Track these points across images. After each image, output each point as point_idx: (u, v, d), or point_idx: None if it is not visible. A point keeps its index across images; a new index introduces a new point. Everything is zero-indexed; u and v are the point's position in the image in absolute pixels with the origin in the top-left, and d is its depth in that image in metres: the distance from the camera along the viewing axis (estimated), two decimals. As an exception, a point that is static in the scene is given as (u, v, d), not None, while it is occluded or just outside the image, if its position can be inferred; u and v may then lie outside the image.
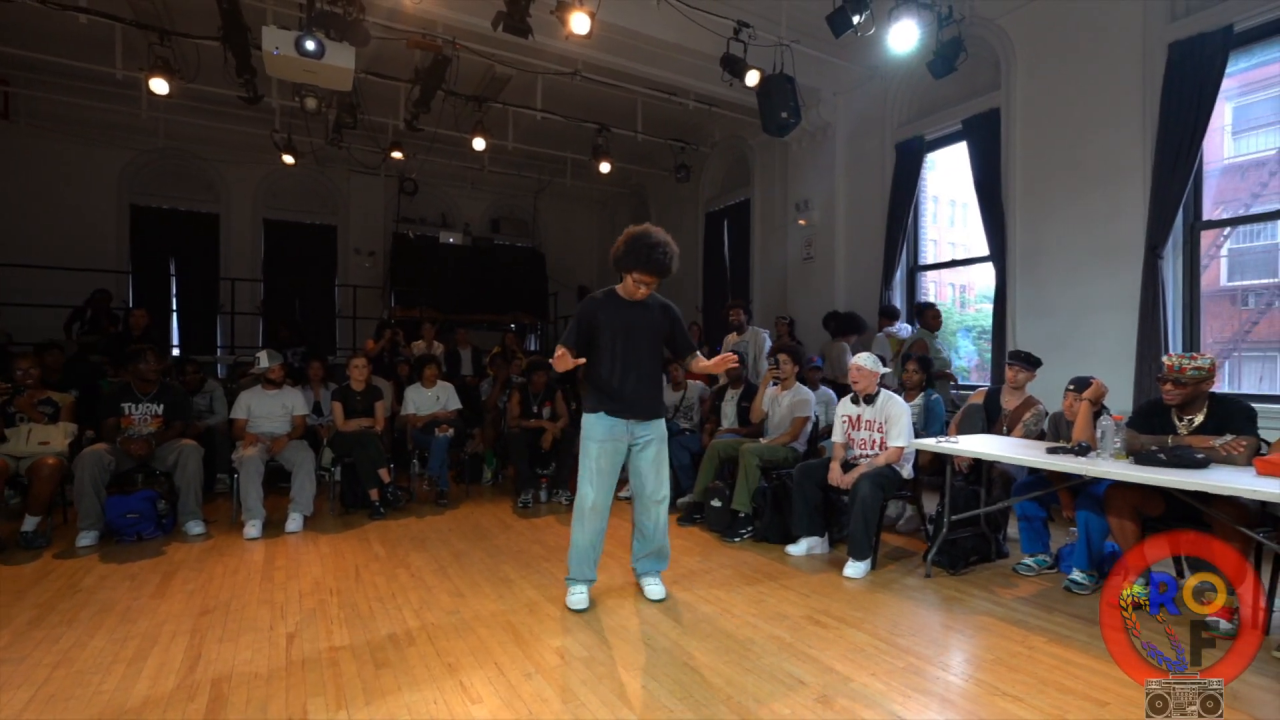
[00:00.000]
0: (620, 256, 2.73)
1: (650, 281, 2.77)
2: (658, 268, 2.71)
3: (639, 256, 2.68)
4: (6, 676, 2.15)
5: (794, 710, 1.98)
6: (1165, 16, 4.18)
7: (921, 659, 2.33)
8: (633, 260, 2.70)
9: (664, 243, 2.70)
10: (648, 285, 2.78)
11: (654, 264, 2.70)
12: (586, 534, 2.82)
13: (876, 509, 3.29)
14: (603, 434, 2.80)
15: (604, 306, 2.82)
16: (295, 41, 3.62)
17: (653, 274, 2.73)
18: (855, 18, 4.50)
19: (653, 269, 2.71)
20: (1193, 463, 2.46)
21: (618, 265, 2.76)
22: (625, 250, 2.71)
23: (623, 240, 2.72)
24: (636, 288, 2.77)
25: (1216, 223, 4.43)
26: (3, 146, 7.58)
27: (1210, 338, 9.90)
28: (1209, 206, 4.35)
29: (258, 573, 3.24)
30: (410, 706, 1.99)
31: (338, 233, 9.82)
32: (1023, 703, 2.03)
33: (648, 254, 2.68)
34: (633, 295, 2.81)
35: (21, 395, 3.75)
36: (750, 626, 2.61)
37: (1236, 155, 9.31)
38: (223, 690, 2.08)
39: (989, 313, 5.46)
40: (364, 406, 4.77)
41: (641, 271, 2.71)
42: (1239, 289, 10.30)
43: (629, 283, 2.77)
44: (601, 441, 2.80)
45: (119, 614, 2.68)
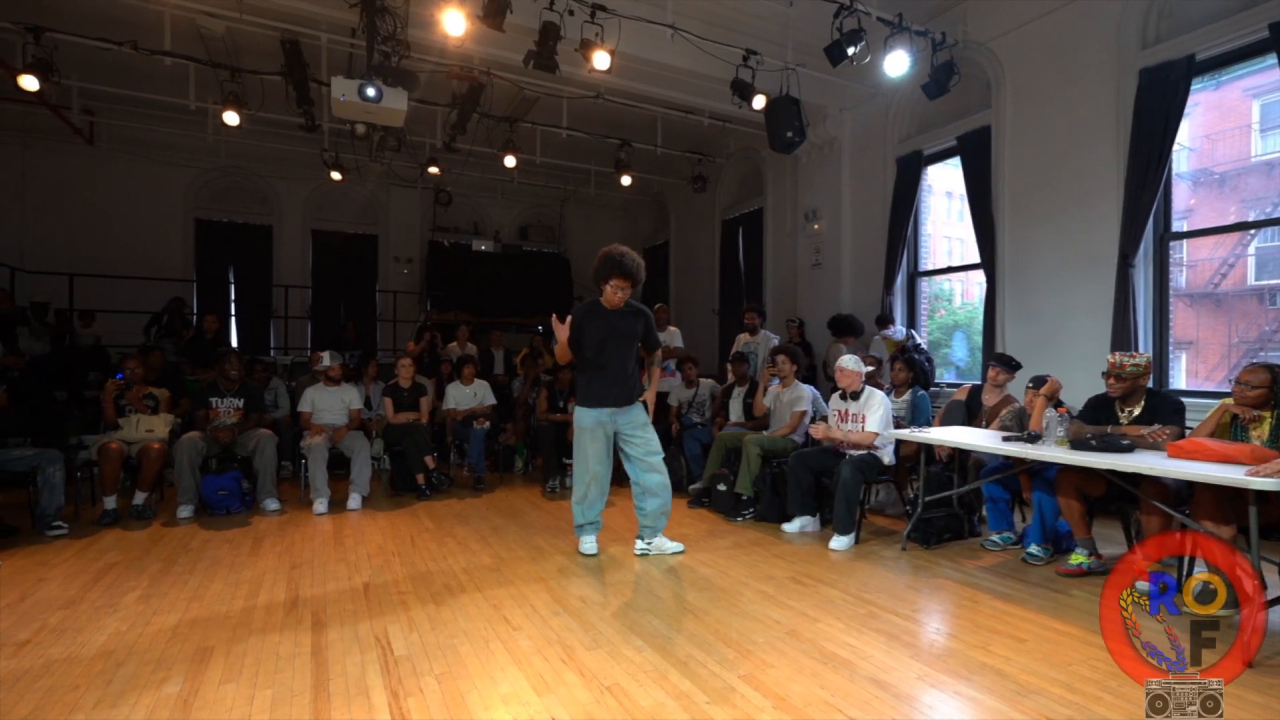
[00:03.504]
0: (597, 270, 3.39)
1: (624, 285, 3.38)
2: (626, 271, 3.34)
3: (611, 267, 3.34)
4: (157, 606, 2.78)
5: (768, 640, 2.49)
6: (1136, 44, 4.55)
7: (881, 609, 2.82)
8: (607, 270, 3.35)
9: (629, 253, 3.38)
10: (624, 290, 3.39)
11: (623, 268, 3.33)
12: (589, 490, 3.48)
13: (857, 490, 3.77)
14: (591, 422, 3.46)
15: (590, 314, 3.46)
16: (358, 89, 4.25)
17: (624, 277, 3.35)
18: (850, 49, 4.94)
19: (623, 273, 3.34)
20: (1118, 448, 2.90)
21: (597, 278, 3.41)
22: (600, 265, 3.38)
23: (597, 259, 3.39)
24: (615, 293, 3.38)
25: (1184, 234, 4.79)
26: (88, 169, 8.47)
27: (1235, 336, 10.02)
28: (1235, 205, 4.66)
29: (330, 540, 3.86)
30: (467, 631, 2.55)
31: (379, 242, 10.55)
32: (955, 638, 2.51)
33: (619, 262, 3.33)
34: (612, 302, 3.42)
35: (131, 390, 4.44)
36: (741, 584, 3.12)
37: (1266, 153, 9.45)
38: (321, 618, 2.67)
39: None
40: (410, 401, 5.39)
41: (616, 277, 3.35)
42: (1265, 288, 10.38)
43: (608, 292, 3.39)
44: (592, 429, 3.47)
45: (227, 566, 3.32)
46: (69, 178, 8.48)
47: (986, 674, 2.21)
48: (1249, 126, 9.78)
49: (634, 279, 3.38)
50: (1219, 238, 7.54)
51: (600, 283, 3.41)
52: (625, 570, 3.33)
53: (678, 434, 5.45)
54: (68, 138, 7.61)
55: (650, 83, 6.32)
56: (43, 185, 8.39)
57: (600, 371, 3.45)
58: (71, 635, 2.49)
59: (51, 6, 5.48)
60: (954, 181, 8.80)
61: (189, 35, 5.84)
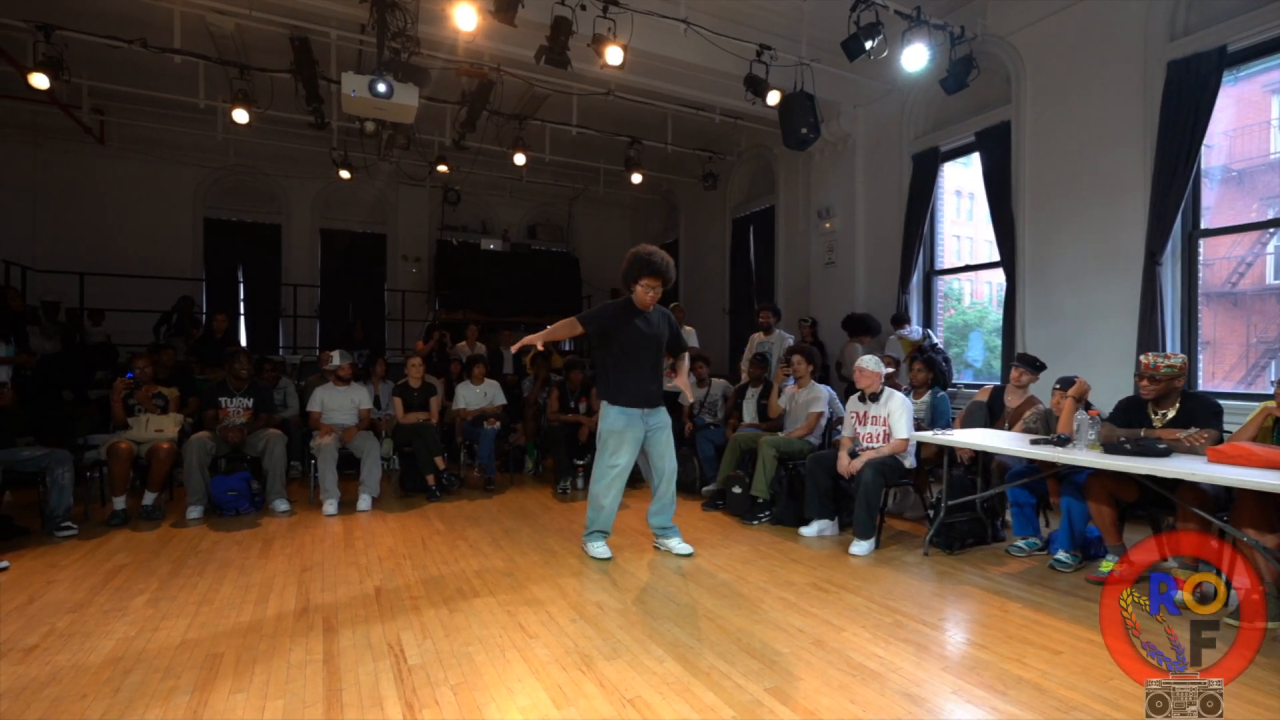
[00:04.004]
0: (628, 271, 3.36)
1: (655, 284, 3.34)
2: (656, 269, 3.31)
3: (641, 266, 3.31)
4: (165, 610, 2.72)
5: (793, 650, 2.40)
6: (1164, 37, 4.43)
7: (907, 617, 2.73)
8: (638, 270, 3.32)
9: (658, 252, 3.35)
10: (655, 289, 3.34)
11: (653, 266, 3.30)
12: (612, 496, 3.44)
13: (878, 494, 3.68)
14: (623, 425, 3.40)
15: (625, 313, 3.41)
16: (369, 85, 4.19)
17: (655, 276, 3.31)
18: (868, 43, 4.85)
19: (653, 271, 3.31)
20: (1154, 452, 2.79)
21: (627, 280, 3.38)
22: (631, 265, 3.35)
23: (627, 260, 3.36)
24: (646, 293, 3.34)
25: (1214, 231, 4.65)
26: (98, 169, 8.47)
27: (1254, 336, 9.84)
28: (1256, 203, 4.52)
29: (340, 542, 3.80)
30: (482, 639, 2.48)
31: (387, 241, 10.52)
32: (987, 649, 2.42)
33: (648, 260, 3.30)
34: (644, 303, 3.38)
35: (140, 390, 4.40)
36: (761, 590, 3.03)
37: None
38: (332, 624, 2.61)
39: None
40: (420, 401, 5.33)
41: (647, 276, 3.31)
42: (1287, 288, 10.18)
43: (639, 293, 3.35)
44: (622, 432, 3.39)
45: (236, 569, 3.26)
46: (79, 177, 8.48)
47: (1024, 688, 2.12)
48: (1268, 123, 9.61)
49: (664, 277, 3.34)
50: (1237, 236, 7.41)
51: (630, 284, 3.37)
52: (640, 575, 3.26)
53: (691, 434, 5.36)
54: (78, 137, 7.60)
55: (662, 79, 6.24)
56: (54, 184, 8.40)
57: (636, 371, 3.41)
58: (79, 641, 2.44)
59: (61, 4, 5.45)
60: (963, 180, 8.67)
61: (198, 33, 5.80)
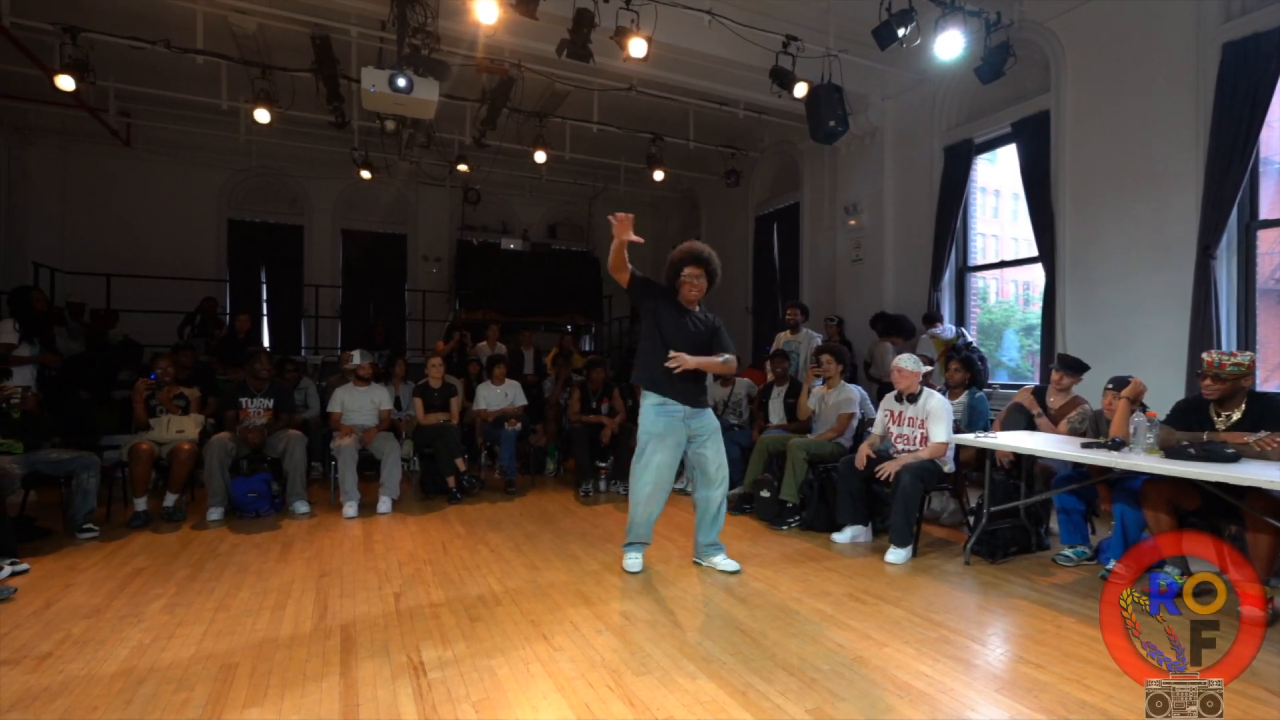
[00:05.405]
0: (672, 264, 3.23)
1: (698, 273, 3.19)
2: (701, 259, 3.19)
3: (687, 256, 3.20)
4: (182, 616, 2.66)
5: (833, 668, 2.26)
6: (1219, 17, 4.19)
7: (953, 631, 2.56)
8: (682, 260, 3.20)
9: (703, 245, 3.25)
10: (699, 280, 3.20)
11: (697, 256, 3.19)
12: (644, 503, 3.19)
13: (916, 499, 3.50)
14: (664, 427, 3.17)
15: (668, 299, 3.25)
16: (389, 80, 4.12)
17: (699, 265, 3.19)
18: (901, 30, 4.66)
19: (698, 260, 3.19)
20: (1222, 457, 2.60)
21: (671, 274, 3.24)
22: (675, 259, 3.23)
23: (670, 258, 3.25)
24: (690, 288, 3.20)
25: (1274, 222, 4.38)
26: (125, 171, 8.56)
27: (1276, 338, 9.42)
28: None
29: (360, 545, 3.72)
30: (504, 651, 2.37)
31: (408, 241, 10.51)
32: (1044, 669, 2.25)
33: (692, 251, 3.20)
34: (688, 299, 3.23)
35: (162, 390, 4.38)
36: (795, 600, 2.89)
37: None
38: (350, 633, 2.52)
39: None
40: (441, 402, 5.26)
41: (691, 265, 3.18)
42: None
43: (684, 288, 3.21)
44: (661, 435, 3.17)
45: (255, 573, 3.19)
46: (106, 180, 8.58)
47: (1090, 714, 1.95)
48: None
49: (708, 266, 3.20)
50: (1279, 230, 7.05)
51: (673, 280, 3.23)
52: (667, 584, 3.12)
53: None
54: (104, 140, 7.67)
55: (685, 73, 6.10)
56: (81, 187, 8.50)
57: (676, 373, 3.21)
58: (93, 648, 2.37)
59: (85, 5, 5.48)
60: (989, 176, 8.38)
61: (221, 33, 5.80)
